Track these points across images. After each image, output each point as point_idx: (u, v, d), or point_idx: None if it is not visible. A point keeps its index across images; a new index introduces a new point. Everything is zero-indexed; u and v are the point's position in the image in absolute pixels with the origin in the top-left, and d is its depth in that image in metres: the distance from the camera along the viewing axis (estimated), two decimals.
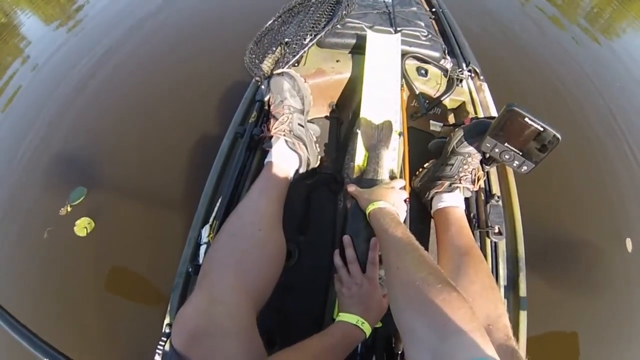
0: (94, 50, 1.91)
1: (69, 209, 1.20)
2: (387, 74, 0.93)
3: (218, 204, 0.82)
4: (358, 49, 1.03)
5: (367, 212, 0.67)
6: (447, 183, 0.82)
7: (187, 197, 1.10)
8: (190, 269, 0.79)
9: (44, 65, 1.94)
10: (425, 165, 0.92)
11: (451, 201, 0.82)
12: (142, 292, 1.12)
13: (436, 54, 1.06)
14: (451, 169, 0.83)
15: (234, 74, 1.46)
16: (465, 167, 0.82)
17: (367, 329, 0.64)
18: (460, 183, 0.81)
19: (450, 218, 0.80)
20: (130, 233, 1.20)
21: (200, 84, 1.61)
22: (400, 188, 0.74)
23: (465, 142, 0.82)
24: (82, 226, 1.15)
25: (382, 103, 0.88)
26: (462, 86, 1.07)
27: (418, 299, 0.45)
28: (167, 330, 0.68)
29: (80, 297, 1.11)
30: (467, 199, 0.88)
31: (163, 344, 0.61)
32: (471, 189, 0.83)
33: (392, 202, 0.68)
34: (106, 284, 1.12)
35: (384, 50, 0.97)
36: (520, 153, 0.77)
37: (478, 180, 0.84)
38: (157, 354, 0.64)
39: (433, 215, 0.85)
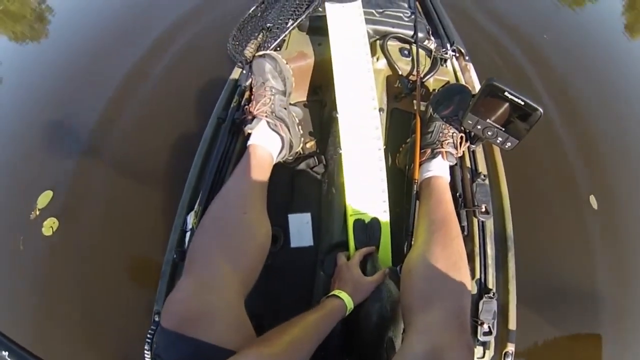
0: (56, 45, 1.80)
1: (37, 212, 1.22)
2: (354, 47, 0.90)
3: (202, 190, 0.82)
4: None
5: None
6: (429, 150, 0.81)
7: (172, 188, 1.08)
8: (175, 256, 0.78)
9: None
10: (407, 141, 0.91)
11: (435, 170, 0.81)
12: (128, 282, 1.12)
13: (420, 35, 1.05)
14: (431, 135, 0.82)
15: (215, 64, 1.42)
16: (445, 131, 0.81)
17: (346, 299, 0.65)
18: (442, 147, 0.80)
19: (431, 188, 0.79)
20: (109, 227, 1.20)
21: (179, 76, 1.53)
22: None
23: (442, 106, 0.81)
24: (49, 226, 1.19)
25: (354, 80, 0.86)
26: (446, 66, 1.06)
27: None
28: (157, 319, 0.68)
29: (62, 294, 1.11)
30: (453, 178, 0.87)
31: (152, 332, 0.61)
32: (455, 154, 0.82)
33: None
34: (91, 278, 1.12)
35: (346, 20, 0.95)
36: (503, 129, 0.76)
37: (461, 143, 0.82)
38: (146, 343, 0.64)
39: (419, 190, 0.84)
